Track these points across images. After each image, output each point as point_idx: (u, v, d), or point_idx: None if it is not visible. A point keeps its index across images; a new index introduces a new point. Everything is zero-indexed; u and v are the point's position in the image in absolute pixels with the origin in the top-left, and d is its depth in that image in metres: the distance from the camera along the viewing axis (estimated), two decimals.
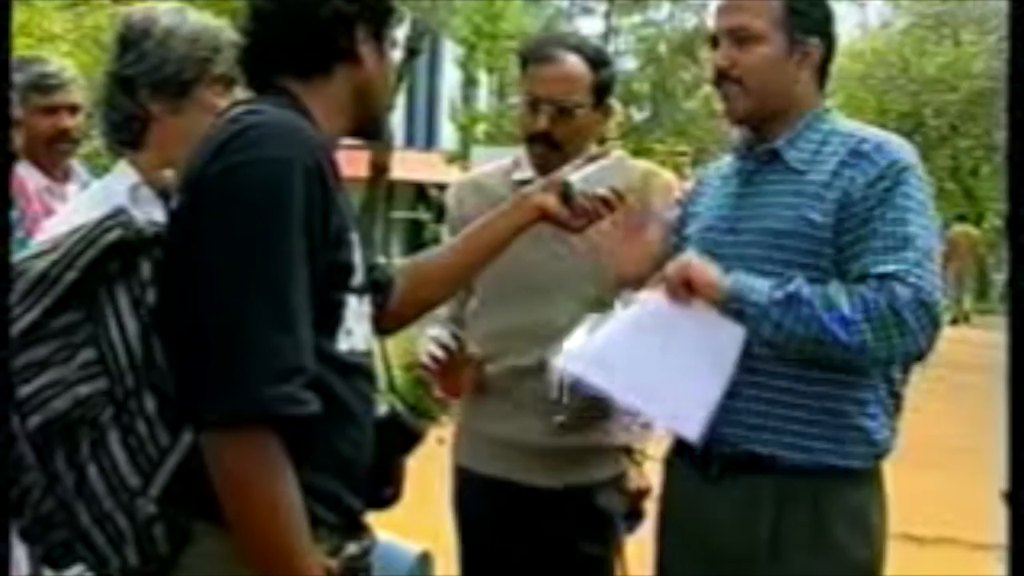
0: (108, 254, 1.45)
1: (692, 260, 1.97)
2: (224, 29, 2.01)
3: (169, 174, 1.86)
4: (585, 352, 2.00)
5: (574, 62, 2.39)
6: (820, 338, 1.88)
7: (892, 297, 1.86)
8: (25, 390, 1.44)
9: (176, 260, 1.46)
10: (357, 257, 1.55)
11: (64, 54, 8.26)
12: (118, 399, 1.45)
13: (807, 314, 1.88)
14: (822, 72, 2.08)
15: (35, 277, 1.44)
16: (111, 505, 1.45)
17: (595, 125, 2.45)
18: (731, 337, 1.93)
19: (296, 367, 1.40)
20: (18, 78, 2.76)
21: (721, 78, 2.05)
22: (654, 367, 1.96)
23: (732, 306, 1.93)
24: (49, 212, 2.66)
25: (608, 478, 2.50)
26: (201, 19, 2.06)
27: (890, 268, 1.89)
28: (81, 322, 1.45)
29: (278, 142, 1.44)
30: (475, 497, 2.56)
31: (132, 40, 2.02)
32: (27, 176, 2.81)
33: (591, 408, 2.35)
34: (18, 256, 1.51)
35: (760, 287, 1.92)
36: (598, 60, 2.44)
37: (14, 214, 2.44)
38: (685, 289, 1.94)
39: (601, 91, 2.42)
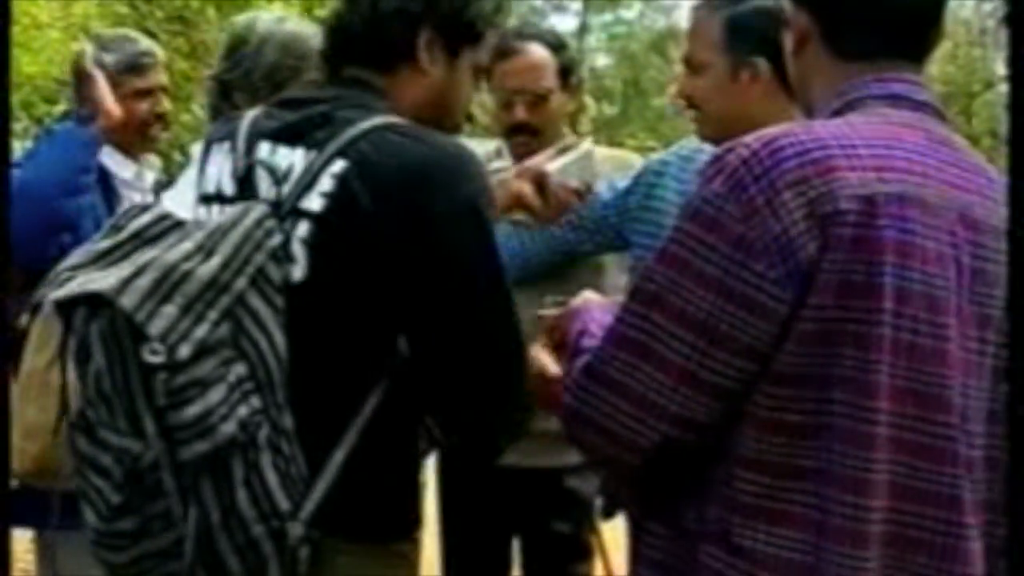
0: None
1: None
2: (316, 36, 1.97)
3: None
4: None
5: (537, 50, 2.44)
6: None
7: None
8: (187, 413, 1.28)
9: (407, 288, 1.42)
10: None
11: (53, 42, 8.25)
12: (272, 417, 1.35)
13: None
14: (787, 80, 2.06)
15: (204, 283, 1.31)
16: (260, 531, 1.34)
17: (565, 106, 2.51)
18: None
19: None
20: (111, 58, 2.54)
21: (687, 102, 2.08)
22: None
23: None
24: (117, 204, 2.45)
25: (581, 462, 2.49)
26: (296, 27, 2.16)
27: None
28: (230, 334, 1.33)
29: (475, 163, 1.48)
30: (452, 475, 2.64)
31: (231, 47, 2.15)
32: (115, 167, 2.56)
33: None
34: (151, 254, 1.35)
35: None
36: (557, 44, 2.49)
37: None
38: None
39: (565, 72, 2.48)
